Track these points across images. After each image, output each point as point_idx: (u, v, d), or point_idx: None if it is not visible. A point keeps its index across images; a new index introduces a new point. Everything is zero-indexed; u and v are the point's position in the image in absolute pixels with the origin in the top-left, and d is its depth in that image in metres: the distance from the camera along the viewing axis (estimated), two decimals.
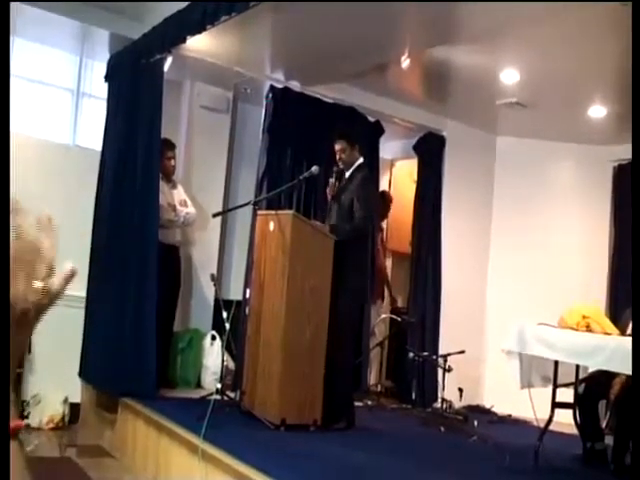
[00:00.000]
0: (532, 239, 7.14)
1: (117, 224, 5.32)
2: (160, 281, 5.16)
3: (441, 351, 6.30)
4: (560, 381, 4.33)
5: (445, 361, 5.79)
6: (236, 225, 6.63)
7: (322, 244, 4.59)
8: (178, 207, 5.80)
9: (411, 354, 6.16)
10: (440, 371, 5.87)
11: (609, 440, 4.40)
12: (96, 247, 5.62)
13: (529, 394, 4.19)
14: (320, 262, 4.56)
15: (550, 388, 4.34)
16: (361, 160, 5.00)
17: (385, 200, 7.22)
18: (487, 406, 6.52)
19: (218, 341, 5.91)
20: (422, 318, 6.75)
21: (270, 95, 6.02)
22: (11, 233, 0.78)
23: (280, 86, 6.07)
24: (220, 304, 5.02)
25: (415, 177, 7.14)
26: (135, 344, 5.06)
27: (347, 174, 4.99)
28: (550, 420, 4.29)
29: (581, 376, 4.44)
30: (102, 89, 5.94)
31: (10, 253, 0.77)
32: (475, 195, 7.27)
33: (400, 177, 7.92)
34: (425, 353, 6.24)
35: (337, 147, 4.96)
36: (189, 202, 5.93)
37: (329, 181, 5.02)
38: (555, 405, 4.32)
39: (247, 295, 4.96)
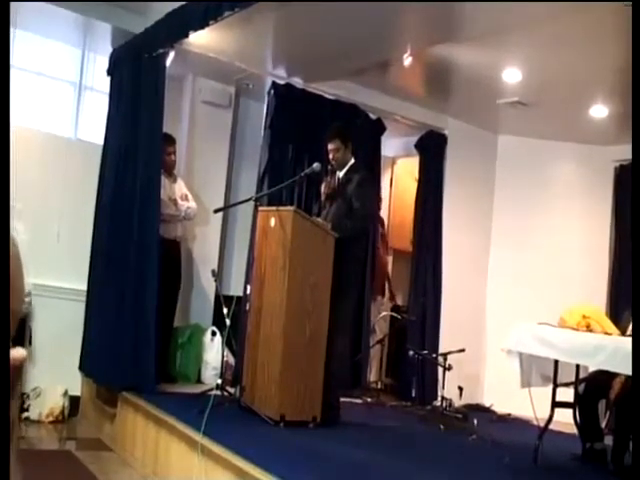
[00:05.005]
0: (533, 238, 7.15)
1: (118, 218, 5.32)
2: (161, 276, 5.15)
3: (441, 349, 6.31)
4: (560, 381, 4.33)
5: (445, 359, 5.80)
6: (237, 221, 6.62)
7: (323, 241, 4.58)
8: (179, 201, 5.79)
9: (411, 352, 6.16)
10: (440, 369, 5.87)
11: (609, 440, 4.40)
12: (97, 241, 5.62)
13: (529, 393, 4.19)
14: (321, 258, 4.55)
15: (550, 387, 4.34)
16: (353, 161, 4.96)
17: None
18: (487, 405, 6.53)
19: (218, 336, 5.91)
20: (422, 316, 6.76)
21: (272, 91, 6.02)
22: None
23: (282, 82, 6.07)
24: (220, 299, 5.03)
25: (416, 175, 7.14)
26: (135, 338, 5.06)
27: (340, 174, 4.93)
28: (550, 419, 4.28)
29: (581, 376, 4.44)
30: (104, 83, 5.94)
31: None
32: (476, 194, 7.27)
33: (401, 175, 7.92)
34: (425, 351, 6.25)
35: (331, 146, 4.90)
36: (190, 196, 5.92)
37: (324, 179, 4.99)
38: (555, 404, 4.31)
39: (247, 291, 4.95)
